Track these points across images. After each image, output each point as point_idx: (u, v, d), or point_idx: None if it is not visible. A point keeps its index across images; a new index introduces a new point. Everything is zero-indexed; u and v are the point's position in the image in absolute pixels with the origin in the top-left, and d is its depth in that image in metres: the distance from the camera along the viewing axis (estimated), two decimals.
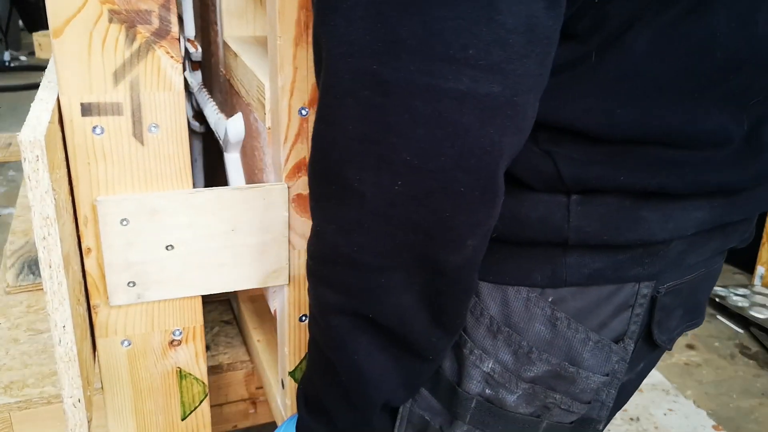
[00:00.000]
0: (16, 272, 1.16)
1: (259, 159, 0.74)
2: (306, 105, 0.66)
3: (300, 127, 0.67)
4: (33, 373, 0.92)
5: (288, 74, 0.64)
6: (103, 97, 0.66)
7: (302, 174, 0.68)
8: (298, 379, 0.75)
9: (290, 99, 0.65)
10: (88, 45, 0.63)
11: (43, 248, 0.59)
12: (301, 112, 0.66)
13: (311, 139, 0.49)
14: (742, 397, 2.21)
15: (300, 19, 0.63)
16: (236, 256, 0.75)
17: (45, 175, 0.57)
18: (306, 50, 0.64)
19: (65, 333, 0.62)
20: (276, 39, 0.63)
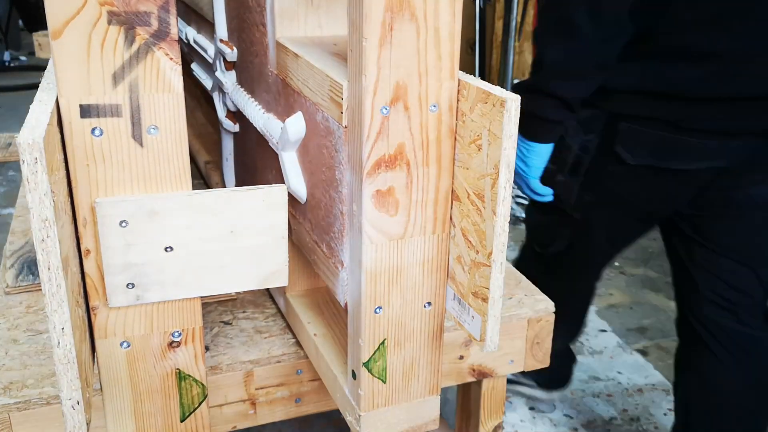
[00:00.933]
0: (16, 272, 1.16)
1: (329, 156, 0.76)
2: (387, 104, 0.68)
3: (381, 125, 0.68)
4: (32, 374, 0.92)
5: (372, 74, 0.66)
6: (102, 99, 0.66)
7: (382, 170, 0.70)
8: (371, 369, 0.77)
9: (374, 98, 0.67)
10: (87, 46, 0.63)
11: (42, 250, 0.59)
12: (383, 111, 0.68)
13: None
14: None
15: (385, 21, 0.64)
16: (236, 258, 0.75)
17: (43, 177, 0.57)
18: (389, 51, 0.66)
19: (64, 335, 0.62)
20: (362, 41, 0.65)
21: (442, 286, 0.78)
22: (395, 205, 0.72)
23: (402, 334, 0.77)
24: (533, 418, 2.04)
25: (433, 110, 0.70)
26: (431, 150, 0.72)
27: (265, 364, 0.97)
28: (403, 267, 0.75)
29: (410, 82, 0.68)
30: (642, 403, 2.14)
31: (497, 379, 1.14)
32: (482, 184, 0.69)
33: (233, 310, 1.09)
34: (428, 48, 0.67)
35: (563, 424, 2.02)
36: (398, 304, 0.76)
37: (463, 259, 0.74)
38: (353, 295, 0.76)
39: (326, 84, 0.73)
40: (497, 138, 0.65)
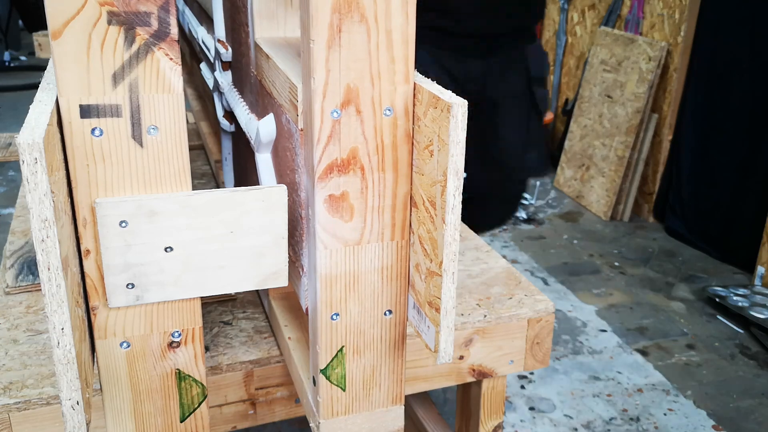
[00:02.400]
0: (16, 273, 1.16)
1: (291, 159, 0.76)
2: (338, 107, 0.67)
3: (332, 129, 0.67)
4: (32, 374, 0.92)
5: (321, 77, 0.65)
6: (102, 99, 0.66)
7: (334, 175, 0.69)
8: (329, 376, 0.76)
9: (323, 101, 0.66)
10: (87, 47, 0.63)
11: (42, 250, 0.59)
12: (333, 114, 0.67)
13: None
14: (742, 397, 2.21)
15: (332, 23, 0.63)
16: (235, 258, 0.75)
17: (43, 178, 0.57)
18: (338, 53, 0.65)
19: (64, 335, 0.62)
20: (309, 42, 0.64)
21: (403, 294, 0.76)
22: (350, 210, 0.71)
23: (361, 342, 0.76)
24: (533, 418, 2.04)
25: (388, 114, 0.69)
26: (387, 155, 0.70)
27: (264, 364, 0.97)
28: (361, 273, 0.73)
29: (362, 85, 0.67)
30: (642, 403, 2.13)
31: (497, 379, 1.14)
32: (434, 191, 0.67)
33: (233, 310, 1.09)
34: (380, 50, 0.66)
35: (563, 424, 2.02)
36: (356, 311, 0.75)
37: (420, 267, 0.73)
38: (312, 301, 0.75)
39: (287, 86, 0.73)
40: (445, 144, 0.63)
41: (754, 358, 2.40)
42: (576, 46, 3.93)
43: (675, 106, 3.29)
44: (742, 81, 2.97)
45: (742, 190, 3.01)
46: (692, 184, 3.23)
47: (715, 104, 3.11)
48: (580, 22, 3.89)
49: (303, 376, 0.85)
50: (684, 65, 3.22)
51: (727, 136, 3.06)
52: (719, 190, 3.11)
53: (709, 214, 3.16)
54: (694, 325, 2.57)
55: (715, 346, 2.46)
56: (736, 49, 2.99)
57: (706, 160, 3.17)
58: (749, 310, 2.54)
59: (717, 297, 2.66)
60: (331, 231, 0.70)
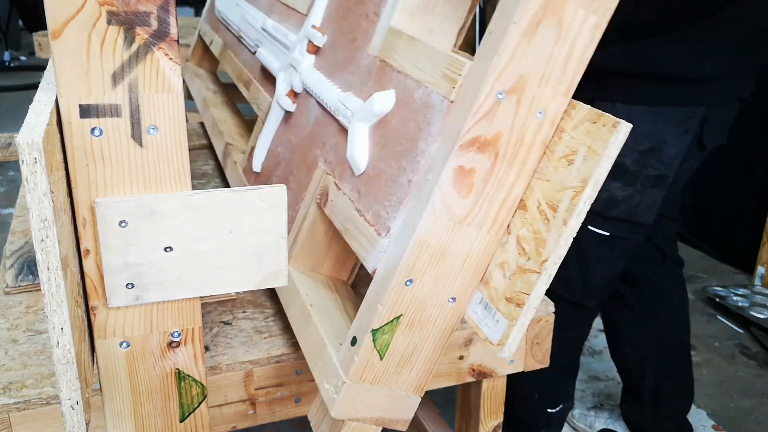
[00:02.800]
0: (16, 272, 1.16)
1: (415, 129, 0.79)
2: (505, 91, 0.71)
3: (490, 108, 0.71)
4: (32, 374, 0.92)
5: (505, 57, 0.69)
6: (102, 99, 0.66)
7: (473, 150, 0.72)
8: (376, 339, 0.77)
9: (495, 81, 0.70)
10: (87, 47, 0.63)
11: (42, 250, 0.59)
12: (498, 95, 0.71)
13: None
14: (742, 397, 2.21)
15: (536, 16, 0.68)
16: (235, 258, 0.75)
17: (43, 177, 0.57)
18: (529, 44, 0.69)
19: (63, 335, 0.62)
20: (509, 23, 0.68)
21: (471, 287, 0.78)
22: (469, 187, 0.74)
23: (418, 318, 0.77)
24: None
25: (539, 117, 0.73)
26: (521, 152, 0.74)
27: (264, 364, 0.98)
28: (449, 251, 0.76)
29: (531, 81, 0.71)
30: None
31: (497, 379, 1.14)
32: (560, 196, 0.71)
33: (233, 310, 1.09)
34: (558, 59, 0.70)
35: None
36: (429, 286, 0.76)
37: (508, 265, 0.75)
38: (389, 263, 0.77)
39: (442, 62, 0.77)
40: (597, 155, 0.68)
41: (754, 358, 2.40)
42: None
43: None
44: None
45: (742, 190, 3.01)
46: (692, 184, 3.23)
47: None
48: None
49: (327, 339, 0.85)
50: None
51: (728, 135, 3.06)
52: (719, 190, 3.11)
53: (709, 214, 3.16)
54: (694, 325, 2.57)
55: (715, 346, 2.46)
56: None
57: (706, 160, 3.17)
58: (749, 310, 2.54)
59: (717, 297, 2.66)
60: (445, 200, 0.73)
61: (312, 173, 1.00)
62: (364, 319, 0.78)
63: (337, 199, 0.91)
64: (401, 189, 0.79)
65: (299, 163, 1.06)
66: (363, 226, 0.84)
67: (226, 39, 1.67)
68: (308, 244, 1.00)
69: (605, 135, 0.68)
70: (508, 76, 0.70)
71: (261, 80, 1.32)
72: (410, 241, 0.74)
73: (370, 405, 0.78)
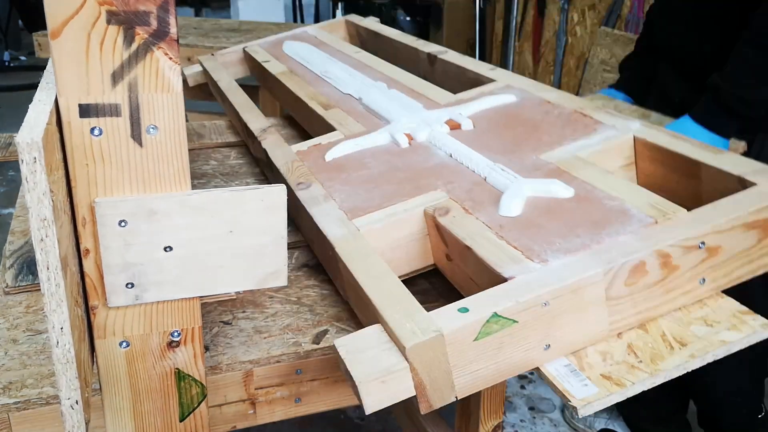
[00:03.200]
0: (15, 272, 1.16)
1: (601, 220, 0.92)
2: (705, 244, 0.86)
3: (687, 249, 0.85)
4: (32, 374, 0.92)
5: (708, 229, 0.85)
6: (102, 99, 0.66)
7: (658, 260, 0.85)
8: (489, 323, 0.79)
9: (701, 236, 0.86)
10: (86, 46, 0.63)
11: (41, 250, 0.59)
12: (700, 245, 0.86)
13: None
14: None
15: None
16: (235, 258, 0.75)
17: (42, 177, 0.58)
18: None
19: (63, 335, 0.62)
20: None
21: (565, 349, 0.82)
22: (635, 281, 0.83)
23: (521, 335, 0.79)
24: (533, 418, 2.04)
25: (701, 282, 0.87)
26: (680, 287, 0.86)
27: (264, 364, 0.97)
28: (585, 311, 0.82)
29: (724, 249, 0.87)
30: None
31: None
32: (691, 339, 0.81)
33: (233, 310, 1.09)
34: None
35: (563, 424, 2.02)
36: (553, 319, 0.80)
37: (611, 356, 0.80)
38: (539, 281, 0.80)
39: (649, 198, 0.94)
40: (728, 342, 0.81)
41: None
42: (576, 47, 3.93)
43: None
44: None
45: None
46: None
47: None
48: (580, 22, 3.89)
49: (406, 295, 0.86)
50: None
51: None
52: None
53: None
54: None
55: None
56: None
57: None
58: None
59: None
60: (615, 274, 0.82)
61: (423, 191, 1.07)
62: (488, 300, 0.79)
63: (464, 218, 0.98)
64: (570, 244, 0.87)
65: (402, 180, 1.13)
66: (504, 246, 0.89)
67: (293, 67, 1.86)
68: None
69: (740, 326, 0.80)
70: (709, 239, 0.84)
71: (344, 109, 1.48)
72: (569, 280, 0.79)
73: (431, 365, 0.76)
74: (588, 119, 1.18)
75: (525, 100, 1.31)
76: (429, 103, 1.39)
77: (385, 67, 1.66)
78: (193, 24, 3.72)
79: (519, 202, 0.96)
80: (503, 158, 1.11)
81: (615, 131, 1.12)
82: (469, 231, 0.93)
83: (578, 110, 1.22)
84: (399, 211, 1.03)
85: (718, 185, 0.97)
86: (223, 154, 1.71)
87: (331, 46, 1.98)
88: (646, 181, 1.09)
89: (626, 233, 0.86)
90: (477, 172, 1.08)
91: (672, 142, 1.04)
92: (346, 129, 1.35)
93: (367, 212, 1.03)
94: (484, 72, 1.47)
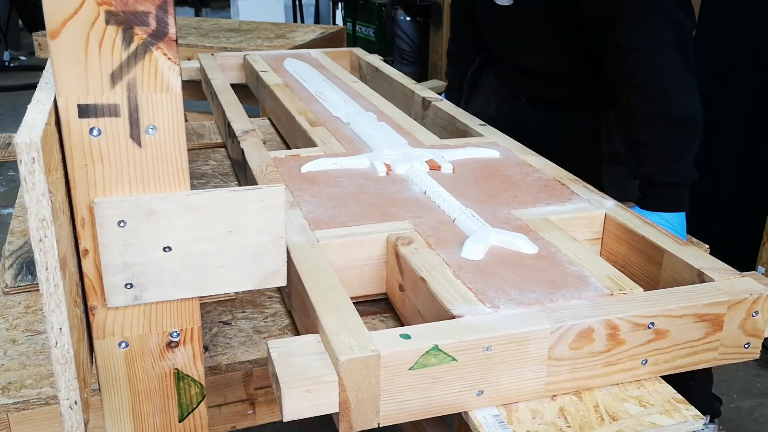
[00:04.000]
0: (15, 273, 1.16)
1: (558, 280, 0.94)
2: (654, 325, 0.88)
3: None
4: (31, 374, 0.92)
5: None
6: (100, 99, 0.65)
7: (606, 330, 0.85)
8: (427, 354, 0.79)
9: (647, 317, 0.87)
10: (85, 46, 0.63)
11: (40, 250, 0.59)
12: (650, 326, 0.88)
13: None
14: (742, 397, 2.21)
15: None
16: (234, 258, 0.75)
17: (41, 177, 0.57)
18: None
19: (62, 335, 0.62)
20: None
21: (500, 400, 0.82)
22: (579, 347, 0.83)
23: (457, 375, 0.79)
24: None
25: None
26: (624, 364, 0.88)
27: (264, 364, 0.97)
28: (524, 364, 0.82)
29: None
30: None
31: None
32: (623, 415, 0.83)
33: (232, 310, 1.09)
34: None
35: None
36: (493, 365, 0.80)
37: (542, 415, 0.81)
38: (487, 323, 0.82)
39: (608, 269, 0.97)
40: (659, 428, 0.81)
41: None
42: None
43: None
44: (743, 81, 2.97)
45: (742, 190, 3.01)
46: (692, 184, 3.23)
47: (715, 104, 3.10)
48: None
49: (350, 308, 0.86)
50: None
51: (728, 136, 3.06)
52: (719, 190, 3.11)
53: (710, 213, 3.16)
54: None
55: None
56: (737, 50, 2.99)
57: (706, 161, 3.17)
58: None
59: None
60: (561, 337, 0.83)
61: (391, 219, 1.09)
62: (432, 332, 0.79)
63: (425, 252, 0.99)
64: (524, 297, 0.88)
65: (371, 204, 1.14)
66: (459, 286, 0.90)
67: (288, 82, 1.90)
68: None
69: (672, 413, 0.81)
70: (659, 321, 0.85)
71: (330, 129, 1.52)
72: (516, 329, 0.79)
73: (361, 384, 0.76)
74: (565, 188, 1.22)
75: (507, 158, 1.36)
76: (414, 141, 1.44)
77: (378, 101, 1.72)
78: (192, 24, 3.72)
79: (482, 248, 0.99)
80: (475, 206, 1.14)
81: (588, 205, 1.15)
82: (427, 264, 0.95)
83: (557, 178, 1.26)
84: (362, 232, 1.04)
85: (677, 275, 0.99)
86: (223, 155, 1.71)
87: (331, 71, 2.04)
88: (609, 258, 1.12)
89: (581, 298, 0.88)
90: (447, 213, 1.11)
91: (641, 225, 1.08)
92: (327, 147, 1.39)
93: (331, 227, 1.05)
94: (473, 126, 1.52)
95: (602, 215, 1.13)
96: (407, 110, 1.78)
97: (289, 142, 1.67)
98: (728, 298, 0.88)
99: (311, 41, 3.20)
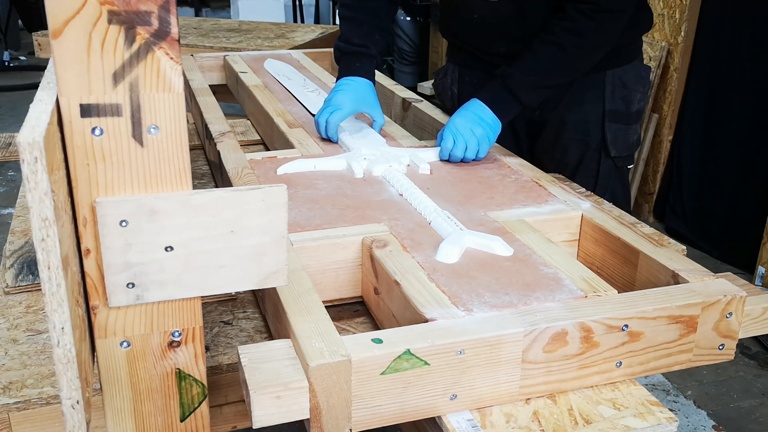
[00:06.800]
0: (16, 272, 1.16)
1: (532, 282, 0.95)
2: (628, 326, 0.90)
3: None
4: (32, 374, 0.92)
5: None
6: (103, 99, 0.65)
7: (580, 333, 0.86)
8: (400, 359, 0.79)
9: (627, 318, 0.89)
10: (87, 46, 0.63)
11: (42, 250, 0.59)
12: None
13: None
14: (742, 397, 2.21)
15: None
16: (235, 257, 0.75)
17: (44, 177, 0.57)
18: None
19: (64, 334, 0.62)
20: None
21: (472, 404, 0.82)
22: (553, 349, 0.83)
23: (430, 380, 0.79)
24: None
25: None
26: (603, 366, 0.90)
27: None
28: (498, 366, 0.82)
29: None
30: None
31: None
32: (596, 419, 0.84)
33: (233, 310, 1.09)
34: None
35: None
36: (468, 368, 0.80)
37: (516, 419, 0.81)
38: (460, 327, 0.82)
39: (582, 271, 0.97)
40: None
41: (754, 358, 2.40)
42: None
43: (675, 106, 3.29)
44: (743, 81, 2.97)
45: (742, 190, 3.01)
46: (693, 184, 3.23)
47: (716, 104, 3.11)
48: None
49: (323, 315, 0.86)
50: (684, 65, 3.22)
51: (728, 136, 3.06)
52: (720, 190, 3.11)
53: (710, 213, 3.16)
54: None
55: None
56: (737, 49, 2.99)
57: (707, 161, 3.17)
58: None
59: None
60: (535, 339, 0.83)
61: (366, 222, 1.09)
62: (404, 336, 0.78)
63: (400, 254, 0.99)
64: (498, 300, 0.89)
65: (347, 207, 1.15)
66: (432, 289, 0.90)
67: (268, 83, 1.92)
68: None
69: (646, 416, 0.81)
70: (633, 323, 0.85)
71: (308, 130, 1.54)
72: (490, 333, 0.79)
73: (332, 389, 0.75)
74: (542, 190, 1.23)
75: (487, 161, 1.38)
76: (393, 142, 1.45)
77: None
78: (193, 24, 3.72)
79: (457, 251, 0.99)
80: (452, 208, 1.14)
81: (565, 206, 1.16)
82: (401, 267, 0.95)
83: (534, 180, 1.27)
84: (337, 235, 1.04)
85: (652, 277, 0.99)
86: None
87: (311, 72, 2.06)
88: (585, 260, 1.12)
89: (555, 300, 0.88)
90: (423, 215, 1.11)
91: (618, 228, 1.08)
92: (305, 149, 1.40)
93: (306, 230, 1.05)
94: None
95: (579, 216, 1.13)
96: (387, 111, 1.79)
97: (268, 144, 1.68)
98: (702, 300, 0.88)
99: (311, 41, 3.20)
